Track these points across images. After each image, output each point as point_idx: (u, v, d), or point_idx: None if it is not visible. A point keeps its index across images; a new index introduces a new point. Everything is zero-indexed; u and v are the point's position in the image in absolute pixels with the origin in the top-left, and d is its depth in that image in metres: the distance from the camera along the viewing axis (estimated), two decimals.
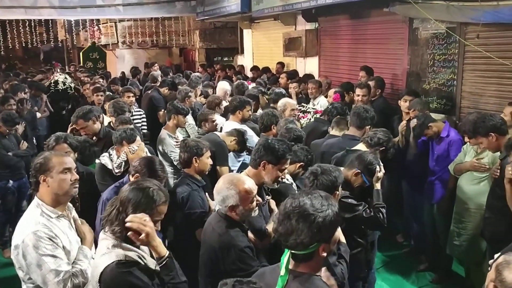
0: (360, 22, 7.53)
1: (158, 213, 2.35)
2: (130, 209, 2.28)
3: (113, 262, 2.23)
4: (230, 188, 2.68)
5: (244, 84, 6.87)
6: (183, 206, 3.36)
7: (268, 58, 11.07)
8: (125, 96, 6.89)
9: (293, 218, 1.81)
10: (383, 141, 3.84)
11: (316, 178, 2.95)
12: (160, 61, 15.39)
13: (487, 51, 4.97)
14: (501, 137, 3.65)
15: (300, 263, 1.88)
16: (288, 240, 1.82)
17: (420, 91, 6.13)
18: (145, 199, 2.30)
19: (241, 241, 2.66)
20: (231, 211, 2.69)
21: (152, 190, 2.34)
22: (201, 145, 3.60)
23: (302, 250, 1.83)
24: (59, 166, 2.72)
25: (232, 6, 10.07)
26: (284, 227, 1.83)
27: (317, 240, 1.81)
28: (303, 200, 1.85)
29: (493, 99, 5.14)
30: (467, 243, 4.31)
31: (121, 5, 12.38)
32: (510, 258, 1.83)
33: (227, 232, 2.66)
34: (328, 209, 1.84)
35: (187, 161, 3.58)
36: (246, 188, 2.70)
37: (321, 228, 1.80)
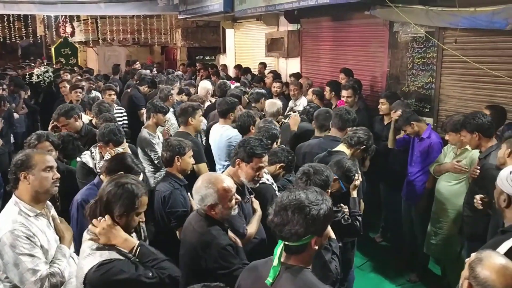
0: (342, 25, 7.62)
1: (142, 205, 2.38)
2: (116, 208, 2.31)
3: (97, 263, 2.23)
4: (208, 187, 2.71)
5: (226, 83, 6.87)
6: (165, 205, 3.36)
7: (250, 58, 11.09)
8: (107, 94, 6.85)
9: (289, 210, 1.89)
10: (363, 140, 3.88)
11: (309, 178, 2.99)
12: (141, 59, 15.27)
13: (464, 55, 5.10)
14: (484, 138, 3.71)
15: (292, 255, 1.95)
16: (283, 230, 1.89)
17: (400, 94, 6.24)
18: (127, 195, 2.32)
19: (223, 240, 2.69)
20: (210, 210, 2.71)
21: (131, 184, 2.36)
22: (184, 145, 3.61)
23: (295, 241, 1.90)
24: (42, 164, 2.70)
25: (215, 6, 10.06)
26: (279, 218, 1.90)
27: (311, 232, 1.89)
28: (299, 194, 1.93)
29: (470, 103, 5.27)
30: (443, 242, 4.42)
31: (102, 2, 12.26)
32: (482, 255, 1.90)
33: (208, 231, 2.68)
34: (322, 203, 1.92)
35: (169, 160, 3.58)
36: (225, 187, 2.73)
37: (316, 220, 1.88)
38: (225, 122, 4.89)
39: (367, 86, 6.97)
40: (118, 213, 2.32)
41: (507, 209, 2.32)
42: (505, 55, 4.85)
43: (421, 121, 4.81)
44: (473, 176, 3.75)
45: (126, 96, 7.73)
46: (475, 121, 3.70)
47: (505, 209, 2.33)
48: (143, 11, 13.09)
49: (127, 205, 2.32)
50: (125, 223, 2.35)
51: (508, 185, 2.27)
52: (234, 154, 3.17)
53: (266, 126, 4.19)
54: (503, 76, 4.72)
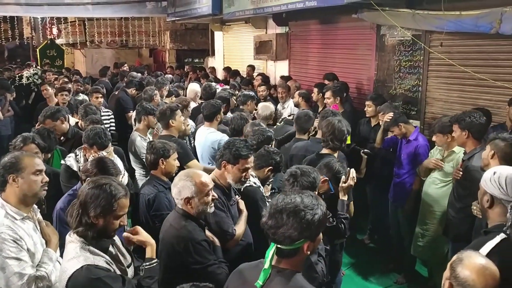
0: (330, 28, 7.66)
1: (120, 207, 2.32)
2: (92, 209, 2.26)
3: (81, 267, 2.20)
4: (186, 180, 2.76)
5: (211, 85, 6.85)
6: (149, 208, 3.35)
7: (239, 60, 11.10)
8: (94, 96, 6.79)
9: (284, 213, 1.88)
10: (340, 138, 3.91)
11: (295, 180, 3.00)
12: (129, 61, 15.22)
13: (450, 58, 5.15)
14: (472, 139, 3.73)
15: (284, 259, 1.94)
16: (277, 233, 1.89)
17: (387, 96, 6.28)
18: (104, 196, 2.28)
19: (198, 235, 2.73)
20: (186, 203, 2.74)
21: (110, 185, 2.32)
22: (168, 147, 3.60)
23: (288, 245, 1.89)
24: (31, 167, 2.68)
25: (203, 8, 10.05)
26: (274, 220, 1.90)
27: (304, 236, 1.88)
28: (294, 197, 1.93)
29: (456, 105, 5.31)
30: (430, 244, 4.44)
31: (90, 4, 12.17)
32: (462, 256, 1.92)
33: (183, 227, 2.72)
34: (317, 208, 1.92)
35: (153, 162, 3.57)
36: (202, 181, 2.77)
37: (310, 225, 1.88)
38: (210, 125, 4.87)
39: (355, 89, 7.01)
40: (93, 213, 2.26)
41: (490, 209, 2.34)
42: (489, 58, 4.91)
43: (409, 123, 4.85)
44: (456, 177, 3.78)
45: (114, 99, 7.68)
46: (469, 119, 3.72)
47: (488, 210, 2.35)
48: (131, 13, 13.02)
49: (104, 206, 2.27)
50: (102, 226, 2.30)
51: (492, 185, 2.29)
52: (219, 156, 3.16)
53: (260, 129, 4.19)
54: (488, 79, 4.78)
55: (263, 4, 7.83)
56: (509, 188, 2.23)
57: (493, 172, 2.33)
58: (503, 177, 2.26)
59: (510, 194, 2.22)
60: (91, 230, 2.28)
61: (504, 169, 2.34)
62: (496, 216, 2.31)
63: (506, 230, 2.13)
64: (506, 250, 2.12)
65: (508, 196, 2.22)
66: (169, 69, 13.22)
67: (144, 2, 12.61)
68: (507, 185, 2.24)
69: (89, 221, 2.27)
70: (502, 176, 2.27)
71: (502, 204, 2.27)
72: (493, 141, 3.18)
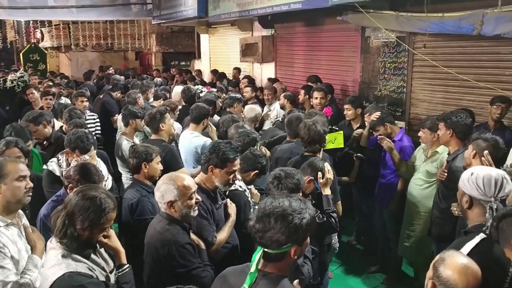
0: (315, 30, 7.68)
1: (108, 221, 2.31)
2: (79, 221, 2.23)
3: (63, 274, 2.16)
4: (168, 183, 2.74)
5: (190, 88, 6.81)
6: (133, 213, 3.31)
7: (225, 63, 11.09)
8: (79, 100, 6.71)
9: (272, 217, 1.87)
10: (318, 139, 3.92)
11: (280, 182, 2.99)
12: (115, 64, 15.12)
13: (433, 60, 5.20)
14: (456, 139, 3.77)
15: (270, 263, 1.92)
16: (264, 237, 1.87)
17: (372, 98, 6.34)
18: (94, 209, 2.25)
19: (182, 238, 2.71)
20: (169, 207, 2.73)
21: (100, 198, 2.28)
22: (150, 151, 3.56)
23: (275, 249, 1.87)
24: (15, 173, 2.63)
25: (189, 11, 10.03)
26: (261, 224, 1.88)
27: (292, 240, 1.87)
28: (283, 201, 1.91)
29: (440, 106, 5.36)
30: (416, 244, 4.46)
31: (74, 7, 12.06)
32: (444, 255, 1.93)
33: (167, 230, 2.71)
34: (306, 212, 1.91)
35: (136, 166, 3.54)
36: (185, 184, 2.76)
37: (298, 229, 1.86)
38: (196, 128, 4.83)
39: (340, 91, 7.04)
40: (81, 226, 2.23)
41: (469, 210, 2.35)
42: (472, 60, 4.96)
43: (395, 124, 4.87)
44: (440, 178, 3.81)
45: (99, 102, 7.61)
46: (456, 119, 3.75)
47: (467, 210, 2.36)
48: (116, 16, 12.95)
49: (92, 220, 2.24)
50: (87, 237, 2.28)
51: (470, 186, 2.31)
52: (205, 161, 3.12)
53: (245, 131, 4.18)
54: (471, 80, 4.83)
55: (249, 6, 7.84)
56: (486, 188, 2.24)
57: (471, 173, 2.34)
58: (480, 177, 2.27)
59: (488, 194, 2.24)
60: (75, 242, 2.25)
61: (481, 170, 2.36)
62: (475, 216, 2.32)
63: (485, 230, 2.14)
64: (485, 250, 2.13)
65: (486, 196, 2.24)
66: (156, 72, 13.16)
67: (129, 5, 12.56)
68: (484, 186, 2.25)
69: (75, 234, 2.25)
70: (479, 176, 2.28)
71: (480, 204, 2.28)
72: (475, 141, 3.21)
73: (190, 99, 6.38)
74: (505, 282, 2.10)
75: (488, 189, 2.24)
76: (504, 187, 2.24)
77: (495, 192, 2.23)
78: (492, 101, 4.51)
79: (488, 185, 2.24)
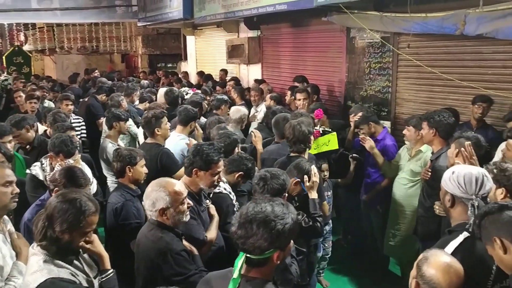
0: (301, 31, 7.70)
1: (88, 224, 2.27)
2: (58, 223, 2.19)
3: (45, 280, 2.13)
4: (159, 190, 2.65)
5: (173, 90, 6.78)
6: (117, 217, 3.26)
7: (212, 65, 11.07)
8: (63, 104, 6.63)
9: (254, 223, 1.83)
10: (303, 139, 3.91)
11: (266, 183, 2.97)
12: (101, 67, 15.01)
13: (417, 59, 5.24)
14: (439, 138, 3.80)
15: (253, 268, 1.90)
16: (246, 243, 1.84)
17: (358, 98, 6.37)
18: (73, 212, 2.21)
19: (177, 245, 2.64)
20: (161, 214, 2.65)
21: (80, 201, 2.25)
22: (134, 154, 3.50)
23: (258, 255, 1.85)
24: (1, 178, 2.58)
25: (174, 13, 10.00)
26: (244, 230, 1.85)
27: (274, 246, 1.84)
28: (265, 206, 1.88)
29: (424, 106, 5.40)
30: (402, 243, 4.49)
31: (58, 9, 11.96)
32: (428, 254, 1.95)
33: (161, 238, 2.62)
34: (288, 217, 1.88)
35: (120, 170, 3.47)
36: (176, 190, 2.68)
37: (280, 235, 1.83)
38: (183, 130, 4.80)
39: (326, 91, 7.06)
40: (59, 228, 2.20)
41: (451, 209, 2.37)
42: (456, 59, 5.01)
43: (379, 123, 4.90)
44: (424, 177, 3.84)
45: (84, 105, 7.54)
46: (439, 118, 3.79)
47: (450, 209, 2.38)
48: (101, 18, 12.85)
49: (71, 222, 2.20)
50: (67, 241, 2.24)
51: (452, 185, 2.33)
52: (189, 164, 3.09)
53: (226, 132, 4.16)
54: (455, 79, 4.87)
55: (234, 8, 7.84)
56: (467, 186, 2.27)
57: (452, 172, 2.36)
58: (461, 176, 2.30)
59: (469, 192, 2.26)
60: (55, 245, 2.22)
61: (462, 168, 2.38)
62: (458, 215, 2.34)
63: (468, 228, 2.16)
64: (469, 248, 2.15)
65: (468, 194, 2.26)
66: (142, 74, 13.09)
67: (114, 7, 12.49)
68: (465, 184, 2.27)
69: (54, 236, 2.21)
70: (460, 175, 2.30)
71: (462, 202, 2.30)
72: (458, 140, 3.24)
73: (173, 101, 6.38)
74: (489, 279, 2.12)
75: (469, 187, 2.26)
76: (485, 185, 2.27)
77: (476, 190, 2.25)
78: (474, 101, 4.57)
79: (469, 183, 2.27)
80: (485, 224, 1.96)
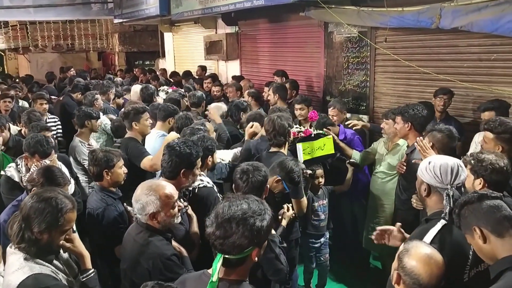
0: (279, 26, 7.69)
1: (67, 222, 2.23)
2: (36, 224, 2.14)
3: (28, 277, 2.09)
4: (149, 194, 2.55)
5: (148, 87, 6.72)
6: (99, 223, 3.15)
7: (190, 61, 10.99)
8: (38, 103, 6.49)
9: (233, 221, 1.80)
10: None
11: (249, 176, 2.95)
12: (77, 65, 14.71)
13: (395, 54, 5.29)
14: (414, 131, 3.83)
15: (230, 269, 1.87)
16: (225, 243, 1.80)
17: (336, 93, 6.40)
18: (50, 211, 2.17)
19: (167, 250, 2.56)
20: (152, 219, 2.56)
21: (56, 199, 2.21)
22: (111, 156, 3.34)
23: (237, 254, 1.82)
24: None
25: (151, 9, 9.89)
26: (222, 230, 1.80)
27: (254, 243, 1.82)
28: (240, 204, 1.85)
29: (402, 99, 5.45)
30: None
31: (31, 6, 11.70)
32: (408, 246, 1.97)
33: (150, 242, 2.54)
34: (265, 213, 1.87)
35: (97, 174, 3.33)
36: (167, 193, 2.59)
37: (260, 231, 1.82)
38: (162, 127, 4.75)
39: (305, 86, 7.08)
40: (38, 229, 2.15)
41: (427, 198, 2.41)
42: (432, 53, 5.07)
43: (334, 125, 4.83)
44: (400, 171, 3.86)
45: (59, 104, 7.42)
46: (413, 112, 3.82)
47: (426, 198, 2.42)
48: (76, 15, 12.64)
49: (49, 222, 2.16)
50: (47, 241, 2.19)
51: (428, 175, 2.37)
52: (174, 167, 2.99)
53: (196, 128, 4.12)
54: (431, 73, 4.93)
55: (211, 4, 7.78)
56: (443, 176, 2.31)
57: (428, 162, 2.41)
58: (437, 166, 2.34)
59: (444, 181, 2.30)
60: (34, 246, 2.17)
61: (438, 159, 2.43)
62: (433, 204, 2.39)
63: (444, 216, 2.20)
64: (447, 235, 2.21)
65: (443, 184, 2.30)
66: (119, 72, 12.91)
67: (89, 4, 12.29)
68: (441, 173, 2.31)
69: (33, 237, 2.16)
70: (436, 165, 2.35)
71: (438, 192, 2.35)
72: (431, 133, 3.29)
73: (147, 97, 6.35)
74: (467, 264, 2.20)
75: (445, 177, 2.31)
76: (460, 175, 2.32)
77: (451, 180, 2.30)
78: (435, 94, 4.66)
79: (444, 173, 2.31)
80: (465, 213, 1.99)
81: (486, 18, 4.17)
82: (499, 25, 4.08)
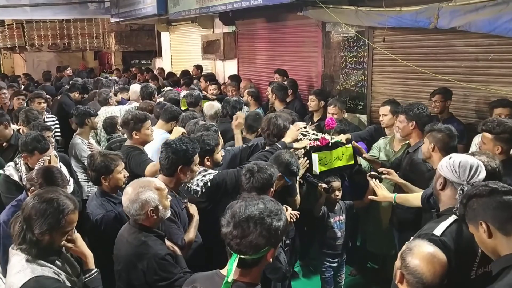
0: (277, 26, 7.70)
1: (68, 223, 2.22)
2: (37, 225, 2.14)
3: (29, 279, 2.08)
4: (146, 191, 2.56)
5: (148, 85, 6.74)
6: (98, 229, 3.11)
7: (187, 61, 10.98)
8: (36, 102, 6.46)
9: (251, 221, 1.79)
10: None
11: (252, 175, 2.95)
12: (73, 64, 14.71)
13: (392, 53, 5.31)
14: (418, 131, 3.82)
15: (246, 270, 1.86)
16: (242, 243, 1.79)
17: (334, 92, 6.41)
18: (51, 212, 2.16)
19: (161, 249, 2.56)
20: (151, 215, 2.56)
21: (58, 200, 2.20)
22: (109, 162, 3.22)
23: (253, 254, 1.81)
24: None
25: (148, 8, 9.88)
26: (240, 230, 1.80)
27: (271, 243, 1.82)
28: (257, 203, 1.85)
29: (400, 99, 5.41)
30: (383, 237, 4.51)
31: (28, 5, 11.66)
32: (412, 245, 1.98)
33: (144, 243, 2.53)
34: (281, 213, 1.87)
35: (95, 180, 3.27)
36: (158, 186, 2.63)
37: (277, 231, 1.82)
38: (163, 126, 4.76)
39: (303, 86, 7.08)
40: (39, 230, 2.14)
41: (442, 191, 2.41)
42: (430, 52, 5.09)
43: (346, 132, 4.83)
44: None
45: (56, 103, 7.40)
46: (417, 111, 3.80)
47: (440, 192, 2.42)
48: (72, 14, 12.62)
49: (51, 223, 2.15)
50: (48, 242, 2.19)
51: (446, 169, 2.37)
52: (170, 164, 2.99)
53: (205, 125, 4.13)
54: (429, 73, 4.95)
55: (209, 3, 7.79)
56: (461, 171, 2.30)
57: (449, 157, 2.41)
58: (457, 161, 2.34)
59: (461, 177, 2.29)
60: (35, 247, 2.16)
61: (460, 156, 2.42)
62: (447, 199, 2.38)
63: (455, 211, 2.19)
64: (457, 230, 2.20)
65: (459, 179, 2.29)
66: (116, 71, 12.89)
67: (85, 3, 12.27)
68: (459, 169, 2.31)
69: (34, 238, 2.16)
70: (456, 161, 2.35)
71: (453, 186, 2.34)
72: (430, 134, 3.27)
73: (147, 96, 6.37)
74: (475, 262, 2.19)
75: (462, 173, 2.30)
76: (479, 174, 2.30)
77: (469, 177, 2.28)
78: (433, 94, 4.64)
79: (463, 169, 2.30)
80: (473, 205, 1.97)
81: (484, 18, 4.19)
82: (497, 25, 4.10)
